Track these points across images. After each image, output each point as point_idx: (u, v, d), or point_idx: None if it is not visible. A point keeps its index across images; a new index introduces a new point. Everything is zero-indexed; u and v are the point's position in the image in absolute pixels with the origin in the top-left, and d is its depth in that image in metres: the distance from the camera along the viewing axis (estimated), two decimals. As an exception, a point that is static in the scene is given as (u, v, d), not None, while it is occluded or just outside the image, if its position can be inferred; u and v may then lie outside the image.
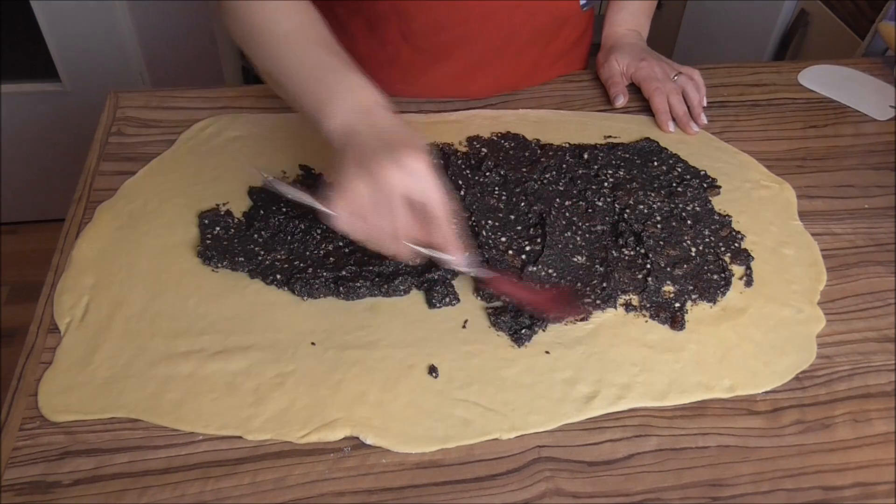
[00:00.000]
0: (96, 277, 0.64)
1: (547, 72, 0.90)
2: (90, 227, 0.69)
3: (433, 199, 0.55)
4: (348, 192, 0.55)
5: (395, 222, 0.55)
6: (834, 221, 0.74)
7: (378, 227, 0.55)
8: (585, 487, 0.52)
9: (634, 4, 0.92)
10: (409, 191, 0.54)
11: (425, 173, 0.55)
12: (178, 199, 0.72)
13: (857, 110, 0.89)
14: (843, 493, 0.53)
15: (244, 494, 0.51)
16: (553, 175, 0.75)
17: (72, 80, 1.61)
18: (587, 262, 0.67)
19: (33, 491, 0.51)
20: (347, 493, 0.52)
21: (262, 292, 0.64)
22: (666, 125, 0.83)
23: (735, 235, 0.71)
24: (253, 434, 0.54)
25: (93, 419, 0.55)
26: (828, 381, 0.60)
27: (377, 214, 0.55)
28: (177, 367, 0.58)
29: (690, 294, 0.65)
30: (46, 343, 0.60)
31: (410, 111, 0.84)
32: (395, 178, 0.53)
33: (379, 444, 0.54)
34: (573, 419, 0.56)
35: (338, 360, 0.59)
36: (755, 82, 0.92)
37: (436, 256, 0.59)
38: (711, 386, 0.58)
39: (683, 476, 0.53)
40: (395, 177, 0.53)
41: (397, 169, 0.54)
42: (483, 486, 0.52)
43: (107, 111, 0.83)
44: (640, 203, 0.72)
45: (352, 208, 0.55)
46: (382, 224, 0.55)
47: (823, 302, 0.65)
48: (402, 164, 0.54)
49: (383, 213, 0.54)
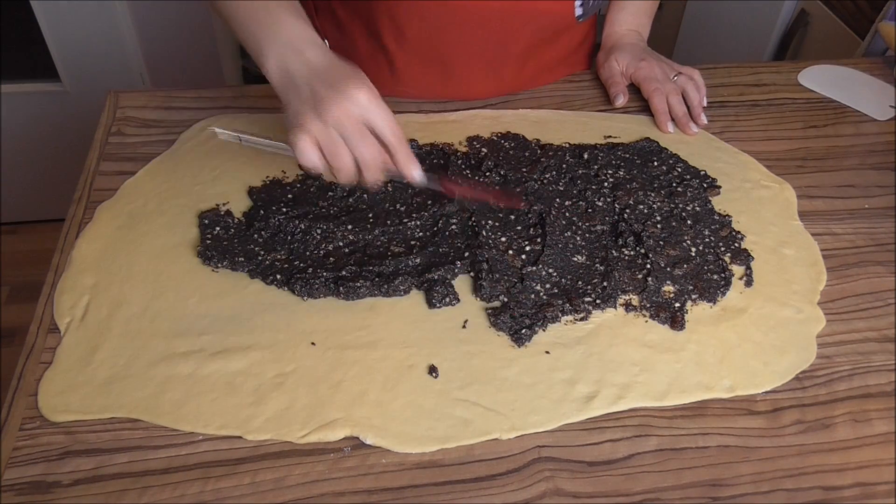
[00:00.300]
0: (96, 277, 0.64)
1: (549, 75, 0.90)
2: (90, 227, 0.69)
3: (385, 124, 0.58)
4: (307, 134, 0.57)
5: (361, 152, 0.58)
6: (834, 221, 0.74)
7: (344, 160, 0.58)
8: (585, 487, 0.52)
9: (635, 4, 0.92)
10: (360, 116, 0.57)
11: (371, 101, 0.57)
12: (178, 199, 0.72)
13: (857, 110, 0.89)
14: (843, 493, 0.53)
15: (244, 494, 0.51)
16: (553, 175, 0.75)
17: (72, 80, 1.61)
18: (587, 262, 0.67)
19: (33, 491, 0.51)
20: (347, 493, 0.52)
21: (262, 292, 0.64)
22: (665, 126, 0.83)
23: (735, 235, 0.71)
24: (253, 434, 0.54)
25: (93, 419, 0.55)
26: (828, 381, 0.60)
27: (341, 149, 0.57)
28: (177, 367, 0.58)
29: (690, 294, 0.65)
30: (46, 343, 0.60)
31: (410, 111, 0.84)
32: (347, 112, 0.56)
33: (379, 444, 0.54)
34: (573, 419, 0.56)
35: (338, 360, 0.59)
36: (755, 82, 0.92)
37: (395, 176, 0.63)
38: (711, 386, 0.58)
39: (683, 476, 0.53)
40: (347, 110, 0.56)
41: (346, 102, 0.56)
42: (483, 486, 0.52)
43: (107, 111, 0.83)
44: (640, 203, 0.72)
45: (314, 147, 0.57)
46: (347, 158, 0.58)
47: (823, 302, 0.65)
48: (349, 97, 0.56)
49: (346, 146, 0.57)
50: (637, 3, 0.92)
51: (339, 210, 0.70)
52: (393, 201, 0.72)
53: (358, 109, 0.57)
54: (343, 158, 0.58)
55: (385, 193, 0.73)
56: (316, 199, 0.72)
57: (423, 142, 0.79)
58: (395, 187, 0.73)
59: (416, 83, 0.85)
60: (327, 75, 0.59)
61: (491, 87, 0.87)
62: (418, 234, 0.69)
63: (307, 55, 0.60)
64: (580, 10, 0.84)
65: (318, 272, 0.64)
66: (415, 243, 0.68)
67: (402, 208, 0.71)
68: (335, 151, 0.58)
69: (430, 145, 0.79)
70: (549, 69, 0.90)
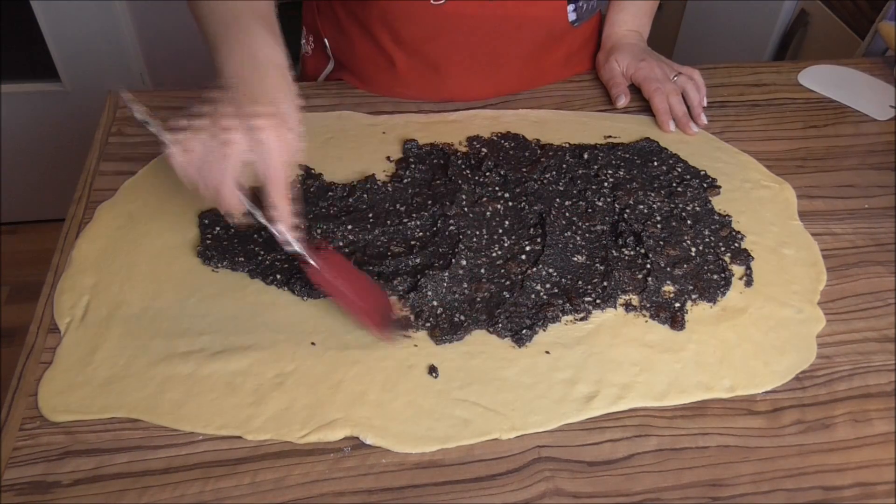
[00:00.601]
0: (96, 277, 0.64)
1: (550, 76, 0.90)
2: (90, 227, 0.69)
3: (270, 166, 0.54)
4: (190, 134, 0.54)
5: (225, 173, 0.53)
6: (834, 221, 0.74)
7: (204, 179, 0.54)
8: (585, 487, 0.52)
9: (635, 5, 0.91)
10: (247, 155, 0.53)
11: (270, 146, 0.53)
12: (178, 199, 0.72)
13: (857, 110, 0.89)
14: (843, 493, 0.53)
15: (244, 494, 0.51)
16: (553, 175, 0.75)
17: (72, 80, 1.61)
18: (587, 262, 0.67)
19: (33, 491, 0.51)
20: (347, 493, 0.52)
21: (262, 292, 0.64)
22: (667, 125, 0.83)
23: (735, 235, 0.71)
24: (253, 434, 0.54)
25: (93, 419, 0.55)
26: (828, 381, 0.60)
27: (209, 162, 0.53)
28: (177, 367, 0.58)
29: (690, 294, 0.65)
30: (46, 343, 0.60)
31: (410, 111, 0.84)
32: (237, 140, 0.52)
33: (379, 444, 0.54)
34: (573, 419, 0.56)
35: (338, 360, 0.59)
36: (755, 82, 0.92)
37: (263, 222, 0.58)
38: (711, 386, 0.58)
39: (683, 476, 0.53)
40: (239, 139, 0.53)
41: (244, 133, 0.53)
42: (483, 486, 0.52)
43: (107, 111, 0.83)
44: (640, 203, 0.72)
45: (187, 149, 0.54)
46: (212, 172, 0.54)
47: (823, 302, 0.65)
48: (252, 132, 0.53)
49: (215, 162, 0.53)
50: (637, 3, 0.92)
51: (339, 210, 0.70)
52: (393, 201, 0.72)
53: (253, 148, 0.53)
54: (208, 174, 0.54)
55: (385, 193, 0.73)
56: (316, 199, 0.72)
57: (423, 142, 0.79)
58: (395, 187, 0.73)
59: (417, 84, 0.85)
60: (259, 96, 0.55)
61: (490, 90, 0.87)
62: (418, 234, 0.69)
63: (261, 72, 0.58)
64: (573, 16, 0.84)
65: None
66: (415, 243, 0.68)
67: (402, 208, 0.71)
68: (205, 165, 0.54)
69: (430, 145, 0.79)
70: (551, 72, 0.90)
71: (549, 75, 0.90)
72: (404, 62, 0.84)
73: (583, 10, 0.84)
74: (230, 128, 0.53)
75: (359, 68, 0.88)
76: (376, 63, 0.85)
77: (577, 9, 0.83)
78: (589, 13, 0.85)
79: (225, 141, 0.53)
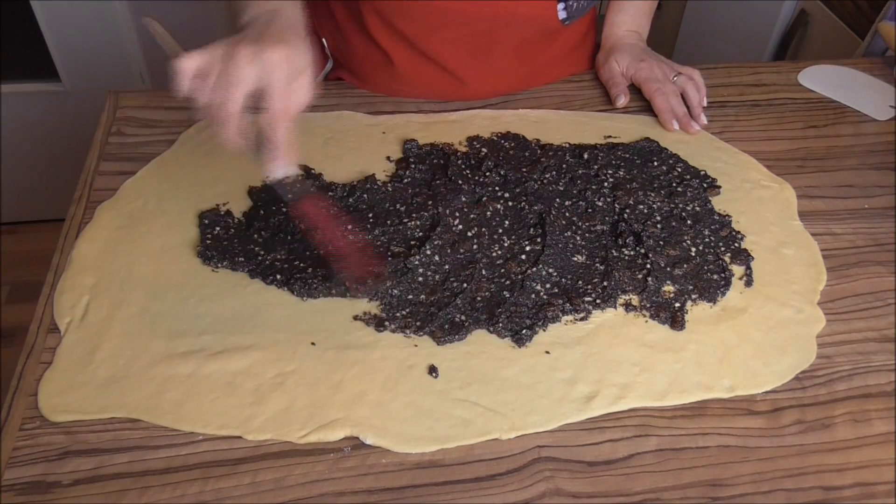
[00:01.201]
0: (96, 277, 0.64)
1: (548, 74, 0.90)
2: (90, 227, 0.69)
3: (274, 90, 0.55)
4: (198, 52, 0.55)
5: (225, 96, 0.55)
6: (834, 221, 0.74)
7: (208, 93, 0.55)
8: (585, 487, 0.52)
9: (634, 5, 0.92)
10: (251, 75, 0.54)
11: (278, 64, 0.55)
12: (178, 199, 0.72)
13: (857, 110, 0.89)
14: (843, 493, 0.53)
15: (244, 494, 0.51)
16: (553, 175, 0.75)
17: (72, 80, 1.61)
18: (587, 262, 0.67)
19: (33, 491, 0.51)
20: (347, 493, 0.52)
21: (262, 292, 0.64)
22: (670, 124, 0.83)
23: (735, 235, 0.71)
24: (253, 434, 0.54)
25: (93, 419, 0.55)
26: (828, 381, 0.60)
27: (212, 81, 0.55)
28: (177, 367, 0.58)
29: (690, 294, 0.65)
30: (46, 343, 0.60)
31: (410, 111, 0.84)
32: (241, 58, 0.54)
33: (379, 444, 0.54)
34: (573, 419, 0.56)
35: (338, 360, 0.59)
36: (755, 82, 0.92)
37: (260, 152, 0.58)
38: (711, 386, 0.58)
39: (683, 476, 0.53)
40: (243, 58, 0.54)
41: (250, 52, 0.54)
42: (483, 486, 0.52)
43: (107, 111, 0.83)
44: (640, 203, 0.72)
45: (192, 65, 0.55)
46: (213, 93, 0.55)
47: (823, 302, 0.65)
48: (256, 49, 0.55)
49: (218, 84, 0.55)
50: (636, 3, 0.92)
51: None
52: (393, 201, 0.72)
53: (260, 66, 0.55)
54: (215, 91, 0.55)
55: (385, 193, 0.73)
56: (316, 199, 0.72)
57: (423, 142, 0.79)
58: (395, 187, 0.73)
59: (414, 81, 0.85)
60: (272, 32, 0.57)
61: (488, 87, 0.87)
62: (418, 234, 0.69)
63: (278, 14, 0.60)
64: (564, 14, 0.84)
65: (317, 272, 0.64)
66: (415, 243, 0.68)
67: (402, 208, 0.71)
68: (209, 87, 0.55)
69: (430, 145, 0.79)
70: (548, 69, 0.90)
71: (545, 73, 0.90)
72: (401, 58, 0.84)
73: (573, 8, 0.84)
74: (240, 48, 0.55)
75: (357, 67, 0.88)
76: (373, 60, 0.85)
77: (567, 7, 0.83)
78: (580, 12, 0.85)
79: (231, 55, 0.54)
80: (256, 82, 0.55)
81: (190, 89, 0.56)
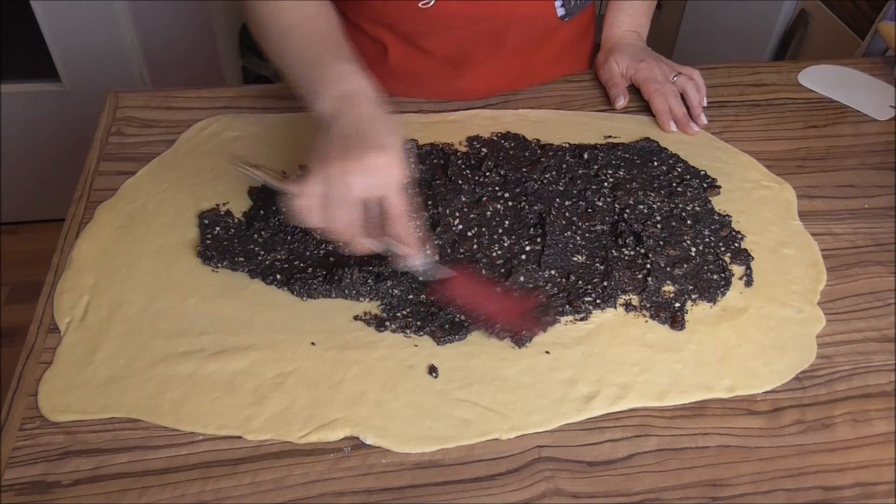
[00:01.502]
0: (96, 277, 0.64)
1: (547, 73, 0.90)
2: (90, 227, 0.69)
3: (391, 196, 0.56)
4: (309, 184, 0.56)
5: (349, 219, 0.56)
6: (834, 221, 0.74)
7: (332, 220, 0.56)
8: (585, 487, 0.52)
9: (634, 5, 0.92)
10: (366, 190, 0.55)
11: (387, 171, 0.56)
12: (178, 199, 0.72)
13: (857, 110, 0.89)
14: (843, 493, 0.53)
15: (244, 494, 0.51)
16: (553, 175, 0.75)
17: (72, 80, 1.61)
18: (587, 262, 0.67)
19: (33, 491, 0.51)
20: (347, 493, 0.52)
21: (262, 292, 0.64)
22: (667, 125, 0.83)
23: (735, 235, 0.71)
24: (253, 434, 0.54)
25: (93, 419, 0.55)
26: (828, 381, 0.60)
27: (332, 208, 0.56)
28: (177, 367, 0.58)
29: (690, 294, 0.65)
30: (46, 343, 0.60)
31: (410, 111, 0.84)
32: (354, 178, 0.55)
33: (379, 444, 0.54)
34: (573, 419, 0.56)
35: (338, 360, 0.59)
36: (755, 82, 0.92)
37: (393, 252, 0.60)
38: (711, 386, 0.58)
39: (683, 476, 0.53)
40: (355, 177, 0.55)
41: (359, 168, 0.55)
42: (483, 486, 0.52)
43: (107, 111, 0.83)
44: (640, 203, 0.72)
45: (310, 200, 0.56)
46: (337, 219, 0.56)
47: (823, 302, 0.65)
48: (365, 164, 0.55)
49: (339, 209, 0.55)
50: (635, 3, 0.92)
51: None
52: (393, 201, 0.72)
53: (370, 178, 0.55)
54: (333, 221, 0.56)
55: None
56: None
57: (423, 142, 0.79)
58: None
59: (411, 78, 0.85)
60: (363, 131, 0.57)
61: (487, 84, 0.87)
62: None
63: (355, 103, 0.60)
64: (562, 11, 0.84)
65: (317, 272, 0.64)
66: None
67: (402, 208, 0.71)
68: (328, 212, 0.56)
69: (430, 145, 0.79)
70: (547, 68, 0.90)
71: (544, 72, 0.90)
72: (398, 57, 0.84)
73: (571, 5, 0.84)
74: (344, 165, 0.55)
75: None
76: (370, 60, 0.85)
77: (565, 4, 0.83)
78: (578, 8, 0.85)
79: (342, 177, 0.55)
80: (373, 194, 0.56)
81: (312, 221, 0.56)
